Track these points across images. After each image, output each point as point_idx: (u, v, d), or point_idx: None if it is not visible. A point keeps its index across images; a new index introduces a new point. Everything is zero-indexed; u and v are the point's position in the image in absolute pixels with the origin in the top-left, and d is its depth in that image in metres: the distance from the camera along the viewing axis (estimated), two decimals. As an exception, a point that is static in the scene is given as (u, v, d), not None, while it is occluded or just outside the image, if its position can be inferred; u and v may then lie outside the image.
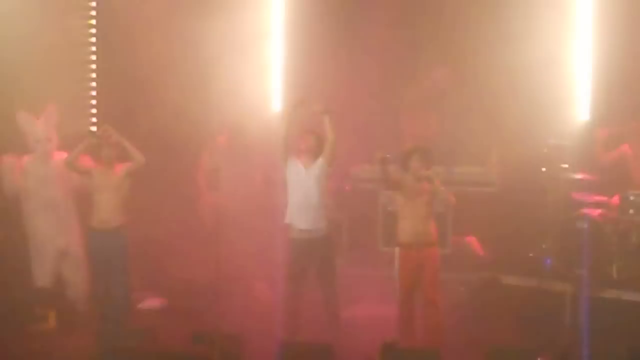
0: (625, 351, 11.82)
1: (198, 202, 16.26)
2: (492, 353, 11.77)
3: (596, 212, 15.16)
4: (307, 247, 13.77)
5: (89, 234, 13.70)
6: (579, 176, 15.66)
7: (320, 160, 13.70)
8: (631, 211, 14.95)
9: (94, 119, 16.26)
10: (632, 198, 15.01)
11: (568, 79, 17.12)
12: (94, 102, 16.89)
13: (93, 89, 17.09)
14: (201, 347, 12.08)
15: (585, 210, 15.24)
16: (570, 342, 13.50)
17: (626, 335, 13.40)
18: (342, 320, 13.96)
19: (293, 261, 13.72)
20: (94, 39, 17.88)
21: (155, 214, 16.01)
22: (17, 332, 14.18)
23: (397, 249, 13.21)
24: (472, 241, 16.17)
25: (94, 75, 17.33)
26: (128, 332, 13.07)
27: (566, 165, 15.92)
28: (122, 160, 13.61)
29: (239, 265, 15.16)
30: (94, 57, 17.57)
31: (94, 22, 17.81)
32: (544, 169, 15.58)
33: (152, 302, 15.48)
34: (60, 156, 14.06)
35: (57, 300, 15.02)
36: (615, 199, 15.30)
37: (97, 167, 13.40)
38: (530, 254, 15.67)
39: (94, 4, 17.87)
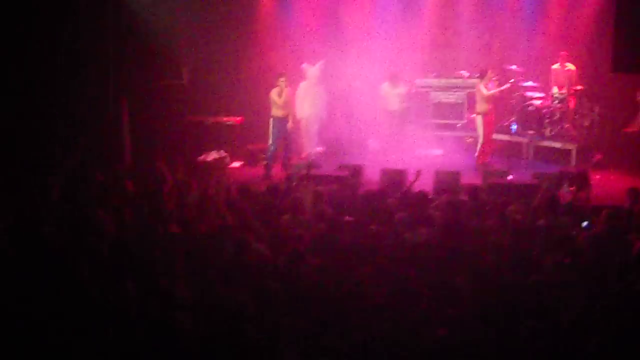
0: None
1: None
2: (487, 172, 13.65)
3: (538, 101, 16.40)
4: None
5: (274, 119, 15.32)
6: (529, 83, 16.67)
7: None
8: (556, 102, 16.27)
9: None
10: (556, 95, 16.28)
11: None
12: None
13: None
14: (343, 171, 13.29)
15: (532, 100, 16.47)
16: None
17: (554, 162, 15.26)
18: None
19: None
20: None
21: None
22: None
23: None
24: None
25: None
26: (305, 164, 13.75)
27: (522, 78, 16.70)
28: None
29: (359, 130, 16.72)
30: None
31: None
32: (512, 80, 16.15)
33: (319, 150, 16.40)
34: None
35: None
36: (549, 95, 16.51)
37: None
38: (505, 124, 16.62)
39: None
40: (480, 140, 15.37)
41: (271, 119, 15.46)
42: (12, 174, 12.64)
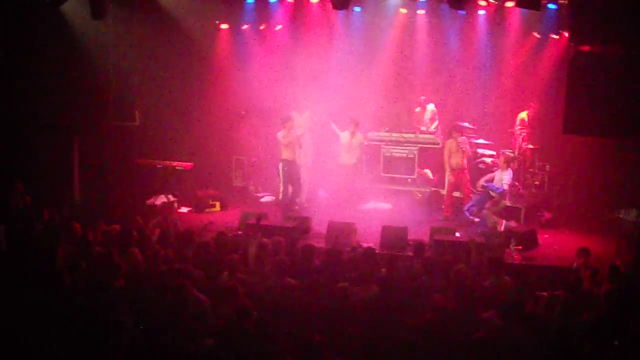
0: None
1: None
2: (434, 229, 13.15)
3: (489, 159, 16.37)
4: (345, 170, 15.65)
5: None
6: (480, 141, 16.78)
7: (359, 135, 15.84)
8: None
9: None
10: (507, 153, 15.73)
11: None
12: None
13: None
14: (292, 222, 13.17)
15: (483, 158, 16.47)
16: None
17: (504, 220, 14.14)
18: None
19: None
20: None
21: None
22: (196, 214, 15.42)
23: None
24: (427, 171, 16.80)
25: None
26: (255, 213, 13.01)
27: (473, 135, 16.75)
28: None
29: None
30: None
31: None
32: (462, 137, 15.54)
33: (268, 197, 16.82)
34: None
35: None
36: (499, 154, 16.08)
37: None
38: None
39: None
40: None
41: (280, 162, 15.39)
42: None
